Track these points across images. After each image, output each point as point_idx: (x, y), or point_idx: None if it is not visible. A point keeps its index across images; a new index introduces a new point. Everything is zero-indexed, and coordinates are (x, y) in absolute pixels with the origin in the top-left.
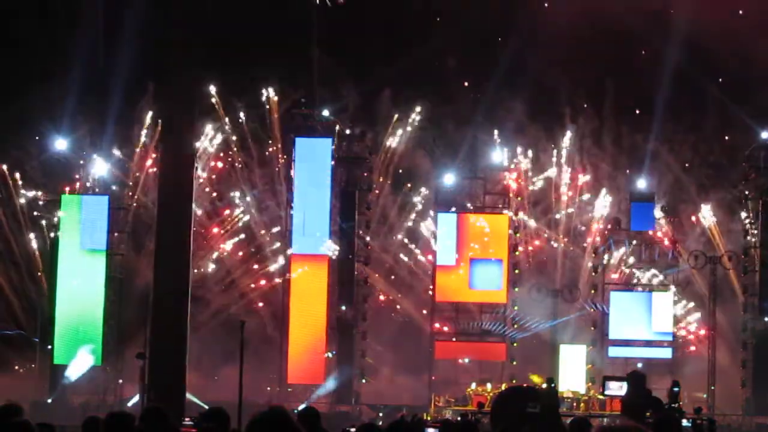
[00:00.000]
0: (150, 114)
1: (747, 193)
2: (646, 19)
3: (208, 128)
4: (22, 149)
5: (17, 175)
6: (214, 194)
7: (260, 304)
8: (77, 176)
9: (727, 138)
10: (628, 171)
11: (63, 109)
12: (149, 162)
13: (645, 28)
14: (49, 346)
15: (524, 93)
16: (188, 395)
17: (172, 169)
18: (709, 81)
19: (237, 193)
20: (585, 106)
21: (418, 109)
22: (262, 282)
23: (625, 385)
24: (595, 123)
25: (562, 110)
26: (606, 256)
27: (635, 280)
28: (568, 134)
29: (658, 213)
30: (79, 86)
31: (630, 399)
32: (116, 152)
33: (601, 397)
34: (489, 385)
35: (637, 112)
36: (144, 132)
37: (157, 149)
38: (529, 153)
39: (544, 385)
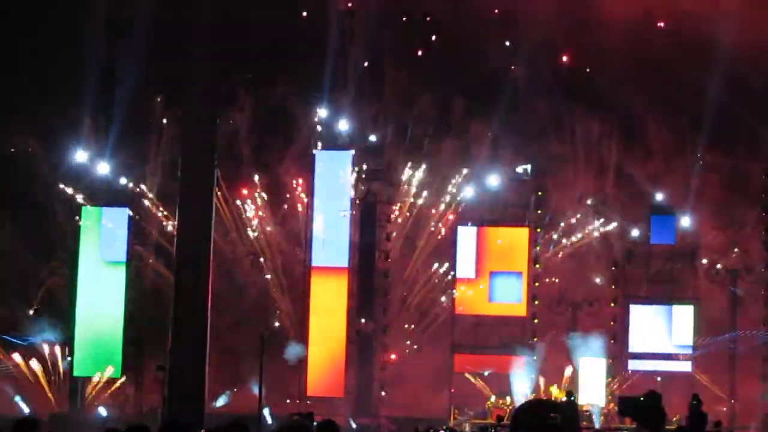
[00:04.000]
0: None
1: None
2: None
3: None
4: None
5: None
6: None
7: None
8: (97, 188)
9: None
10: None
11: (83, 120)
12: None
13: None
14: (69, 358)
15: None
16: None
17: (192, 183)
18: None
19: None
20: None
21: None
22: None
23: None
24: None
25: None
26: (626, 269)
27: (655, 294)
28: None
29: (679, 226)
30: (98, 96)
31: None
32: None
33: None
34: (508, 399)
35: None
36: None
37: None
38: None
39: (564, 398)
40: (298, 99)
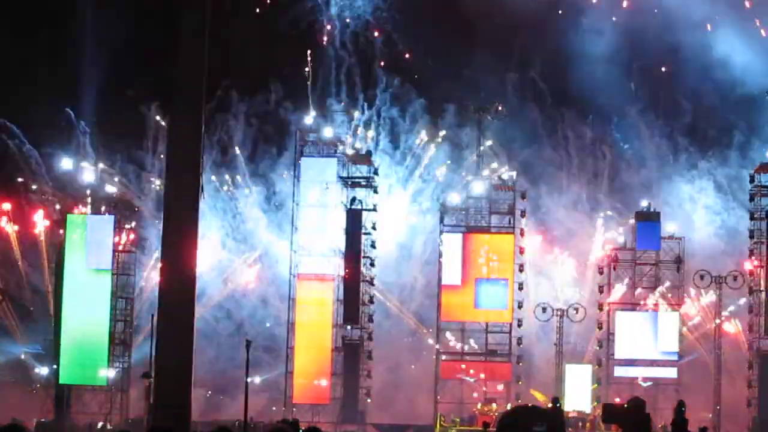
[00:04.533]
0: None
1: (752, 213)
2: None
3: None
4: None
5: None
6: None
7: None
8: (83, 196)
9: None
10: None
11: (69, 128)
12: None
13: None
14: (55, 366)
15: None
16: None
17: (178, 187)
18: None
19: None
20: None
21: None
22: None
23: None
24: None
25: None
26: (612, 276)
27: (641, 300)
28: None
29: (664, 232)
30: (85, 105)
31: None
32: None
33: None
34: (495, 405)
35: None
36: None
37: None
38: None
39: (549, 404)
40: (285, 107)
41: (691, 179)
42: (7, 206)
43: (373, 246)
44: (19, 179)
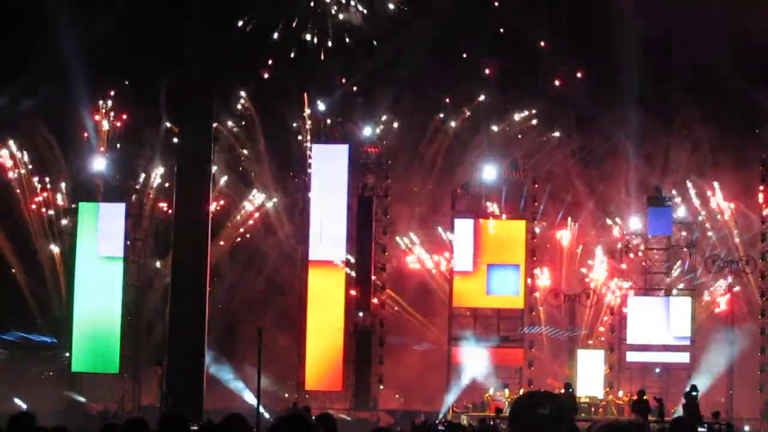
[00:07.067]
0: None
1: (765, 196)
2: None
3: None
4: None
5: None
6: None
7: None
8: (95, 183)
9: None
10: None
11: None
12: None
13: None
14: (67, 354)
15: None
16: None
17: (188, 175)
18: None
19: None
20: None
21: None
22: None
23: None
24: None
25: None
26: (623, 261)
27: (653, 285)
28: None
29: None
30: (94, 91)
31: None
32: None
33: (618, 402)
34: (507, 391)
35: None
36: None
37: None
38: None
39: (562, 390)
40: (296, 92)
41: (695, 164)
42: None
43: (384, 232)
44: None
